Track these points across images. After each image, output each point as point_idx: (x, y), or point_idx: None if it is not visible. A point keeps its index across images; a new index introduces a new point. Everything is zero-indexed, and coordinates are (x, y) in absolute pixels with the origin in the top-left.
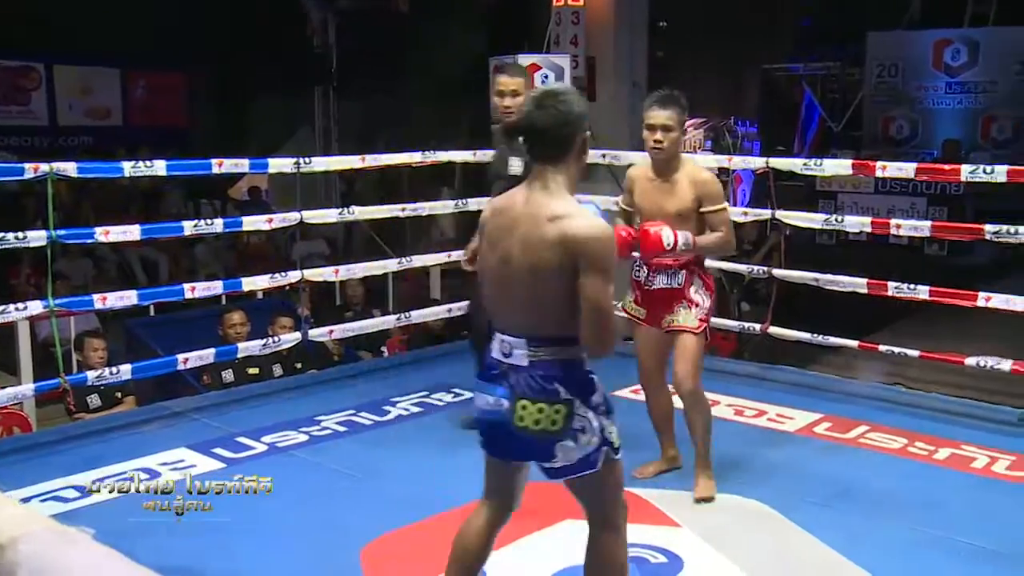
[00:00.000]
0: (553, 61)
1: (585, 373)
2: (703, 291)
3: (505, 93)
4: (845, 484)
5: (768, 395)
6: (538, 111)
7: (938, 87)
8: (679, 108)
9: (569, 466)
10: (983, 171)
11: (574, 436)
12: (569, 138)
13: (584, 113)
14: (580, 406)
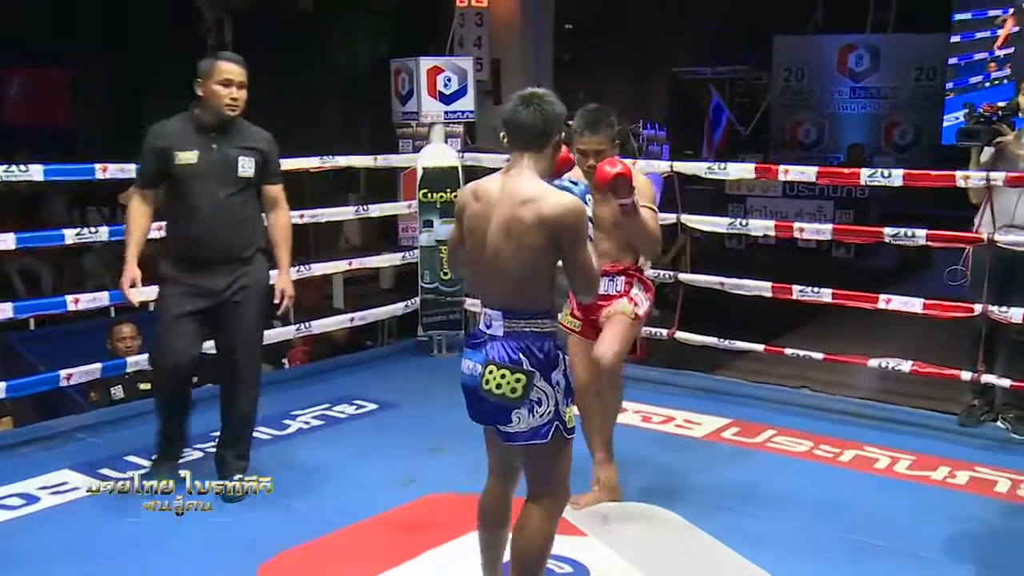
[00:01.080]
0: (456, 63)
1: (553, 348)
2: (643, 293)
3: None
4: (751, 489)
5: (675, 401)
6: (523, 108)
7: (843, 92)
8: (610, 128)
9: (522, 433)
10: (881, 175)
11: (530, 406)
12: (547, 135)
13: (562, 115)
14: (540, 379)
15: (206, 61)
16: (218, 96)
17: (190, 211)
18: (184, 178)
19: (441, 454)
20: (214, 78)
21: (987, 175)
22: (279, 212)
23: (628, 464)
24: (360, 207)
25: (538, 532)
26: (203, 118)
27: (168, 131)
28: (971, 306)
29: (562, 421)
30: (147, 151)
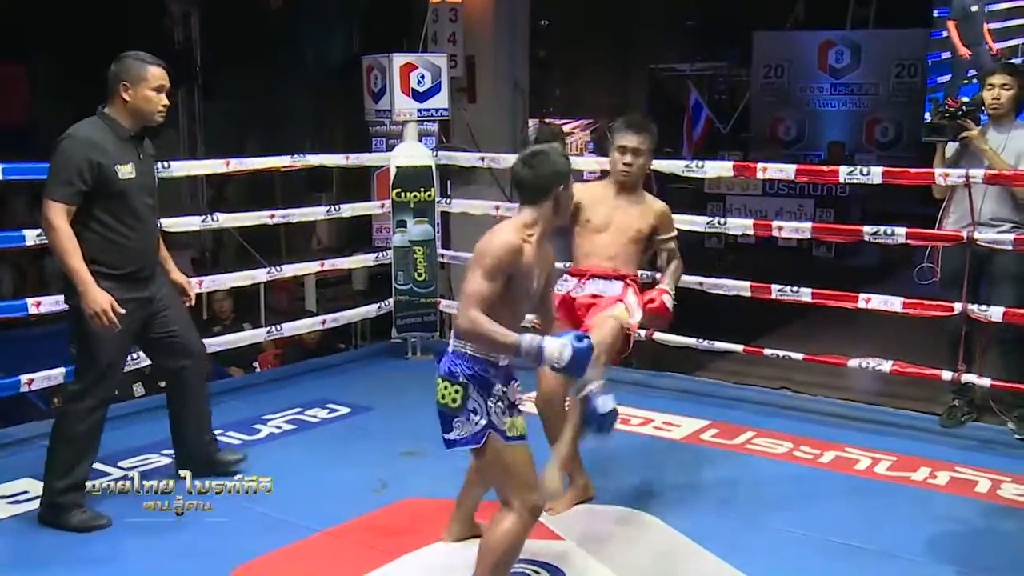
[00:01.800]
0: (430, 60)
1: (486, 370)
2: (637, 300)
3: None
4: (731, 491)
5: (654, 402)
6: (522, 167)
7: (823, 88)
8: (651, 135)
9: (460, 439)
10: (860, 172)
11: (467, 415)
12: (544, 191)
13: (561, 172)
14: (474, 391)
15: (132, 64)
16: (151, 103)
17: (131, 226)
18: (125, 193)
19: (416, 458)
20: (148, 83)
21: (966, 173)
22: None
23: (606, 467)
24: (332, 207)
25: (504, 533)
26: (121, 124)
27: (100, 142)
28: (951, 305)
29: (498, 429)
30: (80, 163)
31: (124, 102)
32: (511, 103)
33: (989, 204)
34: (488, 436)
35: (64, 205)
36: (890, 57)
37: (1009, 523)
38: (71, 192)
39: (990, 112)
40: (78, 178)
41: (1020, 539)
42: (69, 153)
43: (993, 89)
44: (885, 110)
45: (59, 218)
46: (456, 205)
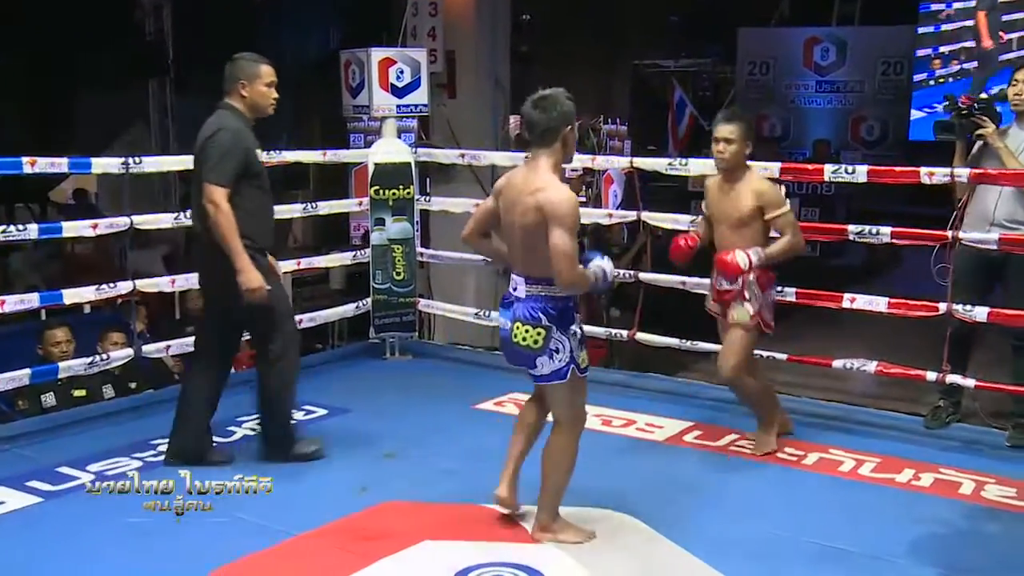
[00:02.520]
0: (409, 55)
1: (566, 307)
2: (756, 288)
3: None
4: (714, 493)
5: (637, 404)
6: (532, 108)
7: (809, 85)
8: (742, 124)
9: (546, 375)
10: (845, 171)
11: (550, 354)
12: (554, 131)
13: (568, 112)
14: (556, 331)
15: (247, 64)
16: (265, 97)
17: (267, 205)
18: (261, 174)
19: (395, 460)
20: (262, 80)
21: (951, 171)
22: None
23: (587, 469)
24: (308, 204)
25: (563, 452)
26: (245, 116)
27: (244, 130)
28: (935, 305)
29: (576, 364)
30: (236, 151)
31: (243, 97)
32: (492, 99)
33: (1005, 205)
34: (570, 371)
35: (225, 189)
36: (876, 54)
37: (993, 525)
38: (227, 177)
39: (1013, 108)
40: (235, 163)
41: (1004, 541)
42: (227, 142)
43: (1017, 84)
44: (871, 108)
45: (224, 200)
46: (436, 203)
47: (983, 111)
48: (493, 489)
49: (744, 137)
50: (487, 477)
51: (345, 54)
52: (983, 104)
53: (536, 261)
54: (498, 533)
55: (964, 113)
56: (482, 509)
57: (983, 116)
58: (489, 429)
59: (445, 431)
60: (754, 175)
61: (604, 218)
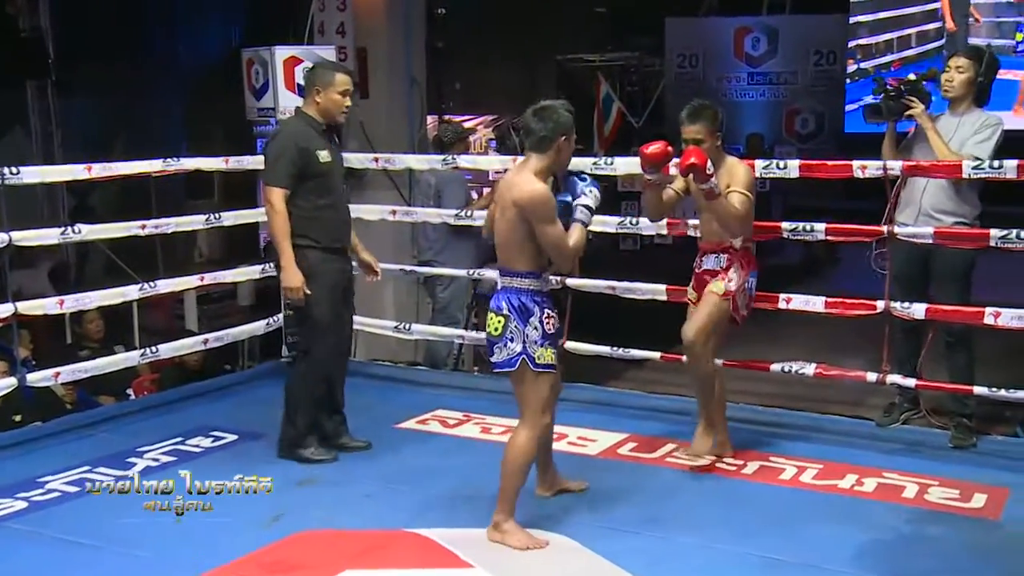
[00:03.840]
0: (316, 53)
1: (532, 300)
2: (738, 270)
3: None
4: (650, 507)
5: (568, 416)
6: (532, 117)
7: (740, 78)
8: (706, 119)
9: (498, 362)
10: (776, 166)
11: (505, 342)
12: (549, 139)
13: (565, 124)
14: (514, 321)
15: (323, 72)
16: (338, 104)
17: (333, 205)
18: (324, 174)
19: (311, 487)
20: (336, 88)
21: (884, 164)
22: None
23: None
24: (211, 215)
25: (518, 450)
26: (316, 120)
27: (304, 132)
28: (873, 303)
29: (530, 357)
30: (290, 152)
31: (316, 103)
32: (407, 99)
33: (932, 195)
34: (520, 361)
35: (282, 189)
36: (808, 44)
37: (936, 528)
38: (284, 178)
39: (944, 96)
40: (289, 164)
41: (947, 544)
42: (280, 144)
43: (949, 71)
44: (805, 100)
45: (279, 200)
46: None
47: (912, 92)
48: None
49: (712, 131)
50: (410, 500)
51: (247, 53)
52: (911, 85)
53: (509, 254)
54: (423, 559)
55: (892, 95)
56: (406, 535)
57: (911, 97)
58: (413, 450)
59: (365, 453)
60: (732, 159)
61: None
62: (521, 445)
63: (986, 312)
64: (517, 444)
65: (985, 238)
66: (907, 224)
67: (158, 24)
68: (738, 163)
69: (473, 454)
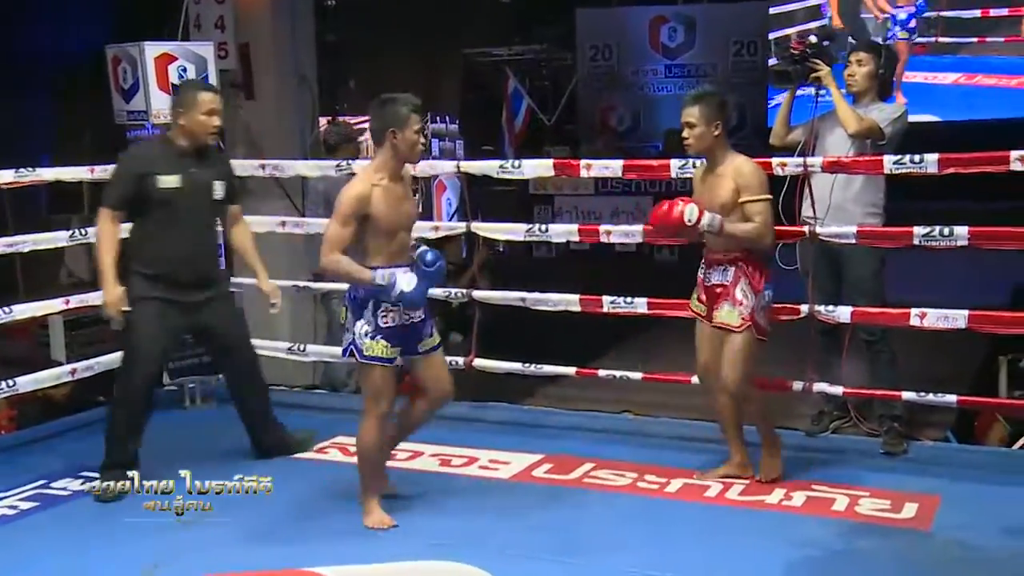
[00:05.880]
0: (192, 50)
1: (365, 296)
2: (748, 289)
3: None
4: (568, 532)
5: (479, 439)
6: (371, 111)
7: (658, 71)
8: (706, 104)
9: (343, 349)
10: (692, 165)
11: (343, 332)
12: (381, 133)
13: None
14: (349, 313)
15: (185, 92)
16: (203, 126)
17: (171, 234)
18: (167, 201)
19: (196, 528)
20: (200, 109)
21: (804, 162)
22: (242, 224)
23: (424, 514)
24: (77, 231)
25: (360, 435)
26: (179, 143)
27: (146, 157)
28: (797, 308)
29: (357, 348)
30: (124, 176)
31: (180, 126)
32: (297, 99)
33: (840, 188)
34: (350, 351)
35: (110, 210)
36: (728, 34)
37: (867, 541)
38: (113, 199)
39: (848, 91)
40: (122, 186)
41: (879, 557)
42: (121, 164)
43: (851, 66)
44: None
45: (104, 219)
46: None
47: (816, 55)
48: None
49: (710, 118)
50: (309, 538)
51: (112, 50)
52: (816, 48)
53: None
54: None
55: (797, 58)
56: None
57: (816, 60)
58: (311, 482)
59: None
60: (739, 158)
61: (431, 231)
62: (361, 433)
63: (912, 313)
64: (359, 432)
65: (908, 236)
66: (817, 219)
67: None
68: (746, 162)
69: None
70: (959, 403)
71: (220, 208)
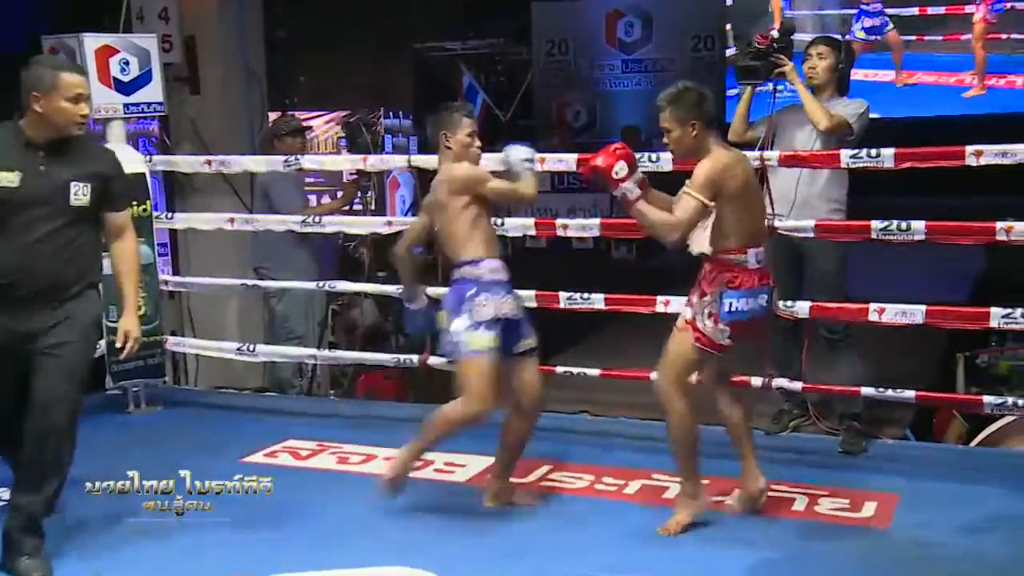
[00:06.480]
0: (135, 43)
1: (459, 297)
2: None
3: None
4: (524, 537)
5: None
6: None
7: (614, 66)
8: (675, 106)
9: (445, 351)
10: (649, 160)
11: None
12: (435, 137)
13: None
14: (447, 316)
15: (42, 71)
16: (66, 114)
17: (4, 241)
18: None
19: (143, 537)
20: (62, 93)
21: (760, 155)
22: (126, 241)
23: (380, 520)
24: None
25: (446, 415)
26: (28, 133)
27: None
28: None
29: (458, 345)
30: None
31: (35, 112)
32: (245, 94)
33: (805, 185)
34: (454, 351)
35: None
36: (685, 29)
37: (827, 541)
38: None
39: (808, 84)
40: None
41: (838, 557)
42: None
43: (810, 59)
44: (700, 87)
45: None
46: (180, 220)
47: (780, 49)
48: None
49: (683, 119)
50: (261, 545)
51: (48, 41)
52: (782, 42)
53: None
54: None
55: (762, 53)
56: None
57: (780, 55)
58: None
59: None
60: (712, 154)
61: (384, 227)
62: (446, 408)
63: (870, 308)
64: (447, 410)
65: (867, 230)
66: (778, 215)
67: None
68: (713, 159)
69: (329, 487)
70: (917, 399)
71: (85, 215)
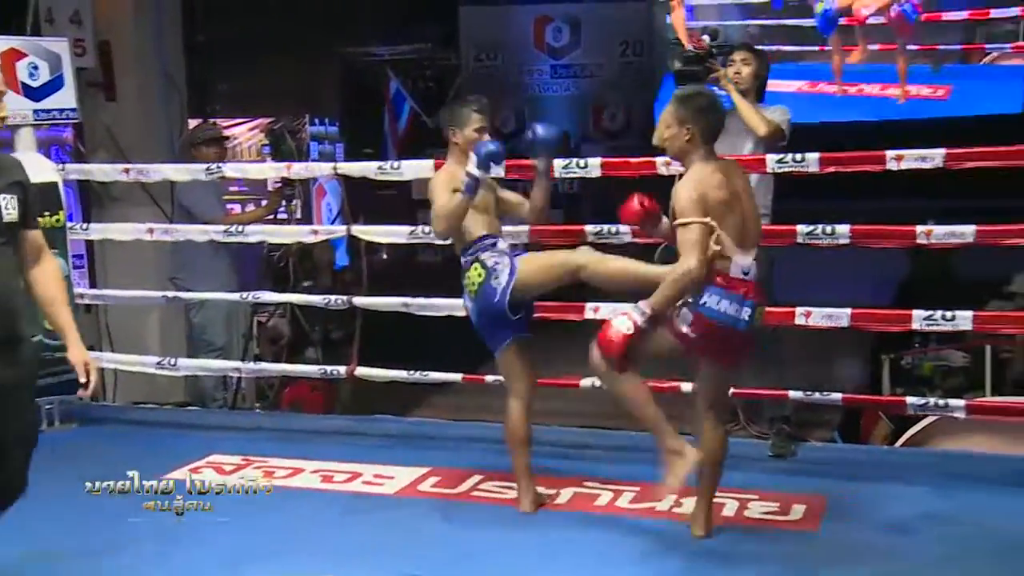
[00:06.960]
0: (44, 47)
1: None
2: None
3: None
4: (456, 549)
5: (362, 453)
6: None
7: (543, 71)
8: (679, 105)
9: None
10: (577, 166)
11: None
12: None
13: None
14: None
15: None
16: None
17: None
18: None
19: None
20: None
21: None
22: (47, 261)
23: (305, 536)
24: None
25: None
26: None
27: None
28: None
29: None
30: None
31: None
32: (163, 101)
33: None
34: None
35: None
36: (614, 34)
37: (757, 545)
38: None
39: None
40: None
41: (768, 560)
42: None
43: (735, 64)
44: (612, 94)
45: None
46: (95, 231)
47: (712, 55)
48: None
49: (681, 120)
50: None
51: None
52: (718, 48)
53: None
54: None
55: (695, 59)
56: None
57: (712, 60)
58: None
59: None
60: (695, 171)
61: (310, 235)
62: (507, 415)
63: (797, 312)
64: (507, 418)
65: (792, 234)
66: None
67: None
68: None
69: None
70: (844, 401)
71: (13, 233)
